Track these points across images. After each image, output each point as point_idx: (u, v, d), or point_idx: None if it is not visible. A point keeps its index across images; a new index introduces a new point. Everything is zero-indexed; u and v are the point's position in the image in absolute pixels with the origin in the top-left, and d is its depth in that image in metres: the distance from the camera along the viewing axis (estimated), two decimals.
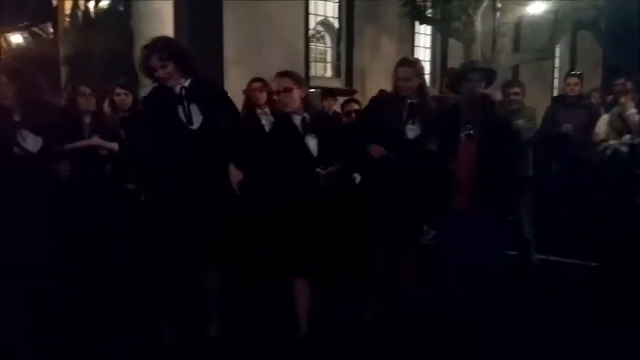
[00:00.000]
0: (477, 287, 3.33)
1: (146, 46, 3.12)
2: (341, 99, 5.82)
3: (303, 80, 3.38)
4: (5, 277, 3.01)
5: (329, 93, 6.88)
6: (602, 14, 9.75)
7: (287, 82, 3.20)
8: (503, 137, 3.43)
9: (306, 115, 3.26)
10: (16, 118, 3.13)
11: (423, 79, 3.60)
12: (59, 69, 7.44)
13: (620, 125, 4.56)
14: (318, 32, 10.26)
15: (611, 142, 4.56)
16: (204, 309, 3.35)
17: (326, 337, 3.31)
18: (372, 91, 4.46)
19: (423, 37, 11.39)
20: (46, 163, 3.17)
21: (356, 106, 4.64)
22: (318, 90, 7.91)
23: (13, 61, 5.34)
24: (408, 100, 3.51)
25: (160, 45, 3.10)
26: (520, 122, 4.69)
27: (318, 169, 3.17)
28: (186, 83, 3.07)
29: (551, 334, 3.60)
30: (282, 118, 3.41)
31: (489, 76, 3.54)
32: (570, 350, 3.38)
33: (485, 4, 8.42)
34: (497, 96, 4.76)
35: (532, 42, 9.90)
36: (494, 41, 8.96)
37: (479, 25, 8.54)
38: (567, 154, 5.57)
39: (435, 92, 10.20)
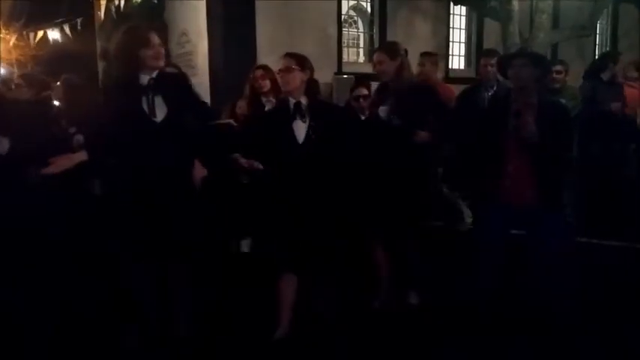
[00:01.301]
0: (548, 280, 3.21)
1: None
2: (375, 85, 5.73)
3: (309, 64, 3.22)
4: None
5: (361, 79, 6.76)
6: None
7: (289, 63, 3.15)
8: (559, 125, 3.16)
9: (302, 99, 3.16)
10: None
11: (401, 62, 3.47)
12: (97, 64, 7.58)
13: None
14: (351, 17, 10.15)
15: None
16: (173, 309, 3.20)
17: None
18: None
19: (459, 17, 11.15)
20: (14, 167, 3.06)
21: (365, 91, 4.34)
22: (352, 76, 7.86)
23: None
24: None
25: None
26: (563, 102, 4.55)
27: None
28: (154, 75, 2.94)
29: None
30: (279, 101, 3.38)
31: (539, 61, 3.30)
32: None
33: None
34: None
35: (572, 18, 9.58)
36: (532, 19, 8.71)
37: (516, 3, 8.30)
38: (614, 133, 5.38)
39: (471, 74, 10.06)
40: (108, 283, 3.42)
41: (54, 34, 7.17)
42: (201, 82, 7.66)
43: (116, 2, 7.64)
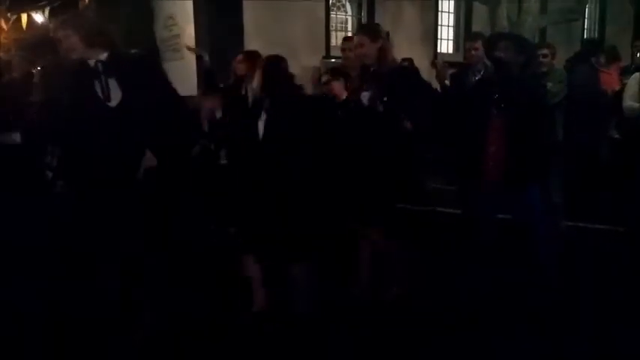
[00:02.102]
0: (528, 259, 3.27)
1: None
2: None
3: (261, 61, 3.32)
4: None
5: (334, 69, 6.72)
6: None
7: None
8: (531, 108, 3.27)
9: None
10: None
11: (382, 44, 3.37)
12: None
13: None
14: (339, 1, 10.09)
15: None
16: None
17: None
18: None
19: (447, 1, 11.12)
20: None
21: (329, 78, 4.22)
22: (340, 60, 7.82)
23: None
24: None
25: (65, 18, 2.95)
26: (549, 85, 4.57)
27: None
28: (103, 57, 2.84)
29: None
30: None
31: (524, 46, 3.36)
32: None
33: None
34: None
35: (560, 2, 9.58)
36: (520, 3, 8.71)
37: None
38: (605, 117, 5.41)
39: (459, 58, 10.05)
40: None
41: (38, 17, 7.07)
42: (188, 66, 7.60)
43: None
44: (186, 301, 3.47)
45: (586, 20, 12.99)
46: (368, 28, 3.61)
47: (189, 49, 6.36)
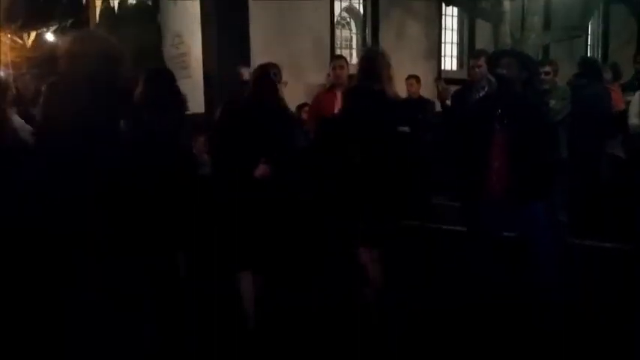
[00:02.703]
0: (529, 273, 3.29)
1: None
2: None
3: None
4: None
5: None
6: None
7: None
8: (533, 125, 3.32)
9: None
10: None
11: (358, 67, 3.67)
12: None
13: None
14: (344, 18, 10.20)
15: None
16: None
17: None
18: (398, 75, 4.42)
19: (450, 18, 11.23)
20: None
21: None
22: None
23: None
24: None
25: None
26: (552, 102, 4.62)
27: None
28: None
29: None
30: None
31: (526, 63, 3.40)
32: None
33: None
34: None
35: (563, 19, 9.66)
36: (523, 20, 8.78)
37: (507, 4, 8.37)
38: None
39: (463, 75, 10.13)
40: None
41: (49, 36, 7.19)
42: (195, 84, 7.70)
43: (111, 4, 7.67)
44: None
45: (589, 37, 13.08)
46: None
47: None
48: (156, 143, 2.93)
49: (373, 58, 3.56)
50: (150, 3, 6.83)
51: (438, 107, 5.78)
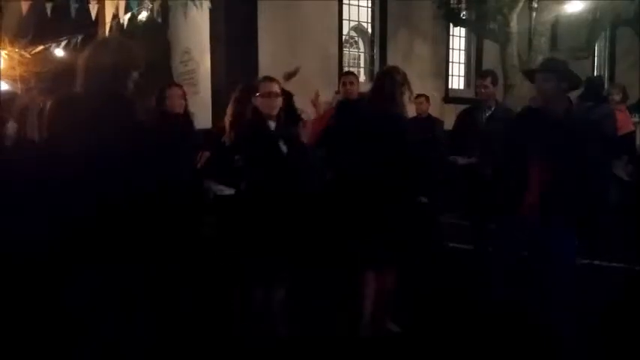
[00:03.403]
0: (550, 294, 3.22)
1: None
2: None
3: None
4: None
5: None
6: None
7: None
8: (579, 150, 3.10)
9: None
10: None
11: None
12: None
13: None
14: (352, 37, 10.28)
15: None
16: None
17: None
18: None
19: (458, 39, 11.29)
20: None
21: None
22: None
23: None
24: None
25: None
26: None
27: None
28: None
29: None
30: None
31: (567, 78, 3.22)
32: None
33: (521, 3, 8.30)
34: None
35: (570, 41, 9.69)
36: (530, 41, 8.82)
37: (514, 26, 8.42)
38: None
39: (470, 94, 10.15)
40: None
41: (59, 52, 7.24)
42: (204, 100, 7.74)
43: (120, 21, 7.74)
44: None
45: (596, 58, 13.12)
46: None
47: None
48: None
49: (382, 76, 3.55)
50: (159, 20, 6.88)
51: (447, 126, 5.79)
